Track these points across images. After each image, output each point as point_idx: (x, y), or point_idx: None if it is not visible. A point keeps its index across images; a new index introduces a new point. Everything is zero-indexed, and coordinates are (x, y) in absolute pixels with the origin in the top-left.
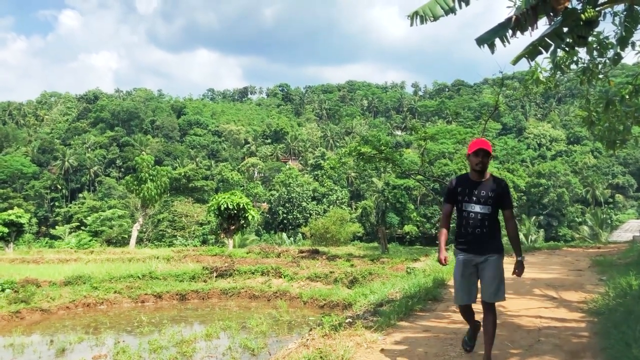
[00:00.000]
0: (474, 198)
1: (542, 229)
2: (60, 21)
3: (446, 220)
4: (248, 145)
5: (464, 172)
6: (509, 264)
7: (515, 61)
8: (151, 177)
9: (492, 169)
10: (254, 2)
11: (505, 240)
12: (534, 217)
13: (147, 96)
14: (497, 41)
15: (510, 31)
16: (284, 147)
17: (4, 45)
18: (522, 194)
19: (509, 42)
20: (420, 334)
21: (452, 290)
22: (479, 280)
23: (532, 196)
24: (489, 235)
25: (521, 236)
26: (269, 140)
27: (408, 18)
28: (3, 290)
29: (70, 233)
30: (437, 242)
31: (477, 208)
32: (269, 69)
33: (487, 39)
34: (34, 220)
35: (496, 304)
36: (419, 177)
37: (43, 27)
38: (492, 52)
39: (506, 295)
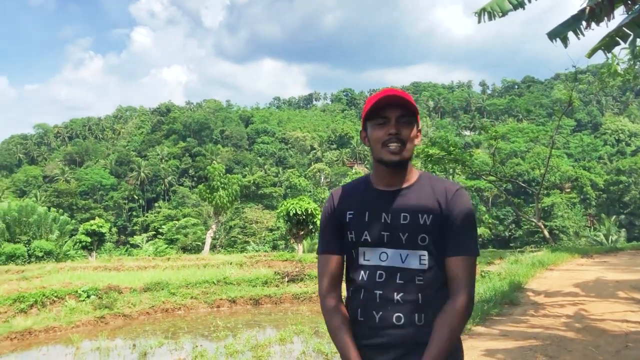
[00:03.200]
0: (386, 233)
1: (624, 229)
2: (133, 38)
3: (332, 289)
4: (314, 151)
5: (537, 172)
6: (578, 267)
7: (591, 54)
8: (223, 185)
9: (567, 167)
10: (315, 9)
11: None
12: (614, 217)
13: (216, 107)
14: (570, 34)
15: (584, 23)
16: (349, 152)
17: (83, 64)
18: (601, 192)
19: (583, 34)
20: (498, 339)
21: (530, 293)
22: None
23: (611, 194)
24: (425, 328)
25: (601, 237)
26: (335, 146)
27: (475, 15)
28: (88, 296)
29: (147, 241)
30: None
31: (393, 257)
32: (332, 75)
33: (559, 33)
34: (114, 229)
35: (577, 306)
36: (491, 177)
37: (117, 45)
38: (565, 45)
39: (587, 299)
